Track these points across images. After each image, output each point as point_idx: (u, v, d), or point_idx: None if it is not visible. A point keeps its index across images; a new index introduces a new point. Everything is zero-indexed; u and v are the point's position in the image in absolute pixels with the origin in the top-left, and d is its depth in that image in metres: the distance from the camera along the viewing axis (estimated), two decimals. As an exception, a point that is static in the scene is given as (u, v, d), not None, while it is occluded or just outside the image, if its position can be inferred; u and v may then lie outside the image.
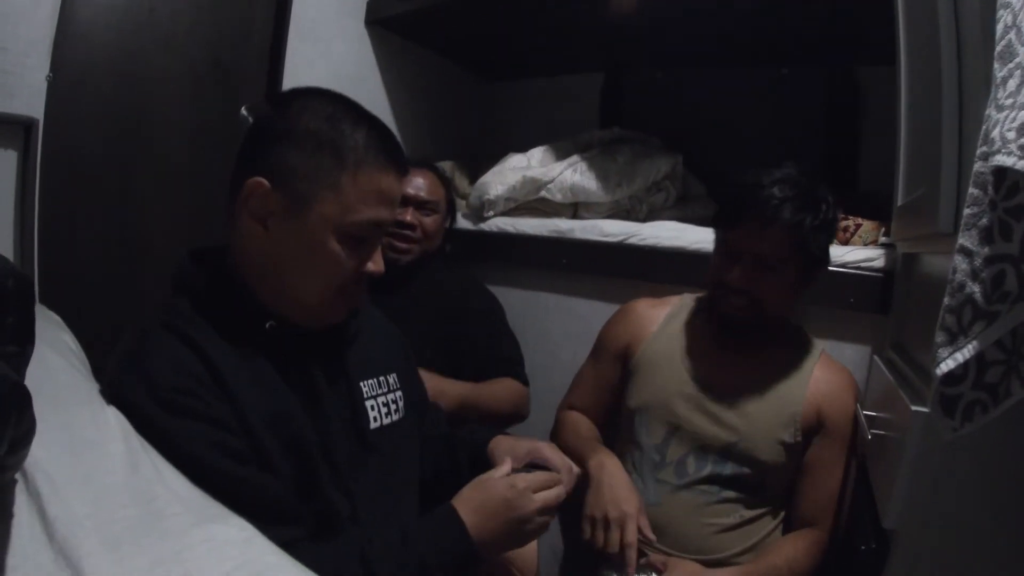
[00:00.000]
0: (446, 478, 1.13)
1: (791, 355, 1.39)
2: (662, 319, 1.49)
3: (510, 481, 0.95)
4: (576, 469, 1.06)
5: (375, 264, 0.94)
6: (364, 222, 0.89)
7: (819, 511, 1.32)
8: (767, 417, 1.32)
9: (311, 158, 0.87)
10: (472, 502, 0.93)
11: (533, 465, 1.03)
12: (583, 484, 1.23)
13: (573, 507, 1.36)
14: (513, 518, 0.92)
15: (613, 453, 1.35)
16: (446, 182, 1.93)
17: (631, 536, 1.17)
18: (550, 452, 1.06)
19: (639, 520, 1.20)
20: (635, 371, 1.45)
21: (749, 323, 1.32)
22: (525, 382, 1.84)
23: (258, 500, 0.80)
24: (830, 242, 1.33)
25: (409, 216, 1.75)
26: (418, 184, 1.80)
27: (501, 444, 1.12)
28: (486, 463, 1.07)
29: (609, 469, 1.28)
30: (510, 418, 1.78)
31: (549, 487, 0.97)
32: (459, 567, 0.89)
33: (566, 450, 1.37)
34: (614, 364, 1.51)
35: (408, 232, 1.74)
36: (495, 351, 1.82)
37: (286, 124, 0.89)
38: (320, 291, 0.91)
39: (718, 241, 1.36)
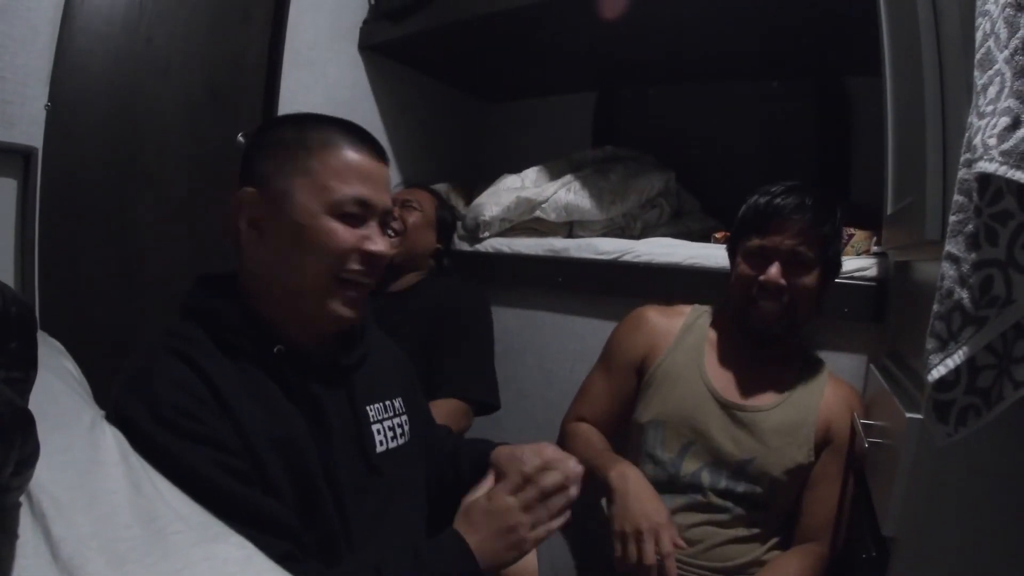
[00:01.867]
0: (450, 489, 1.13)
1: (804, 375, 1.40)
2: (678, 330, 1.48)
3: (488, 494, 0.94)
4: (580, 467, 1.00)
5: (374, 243, 0.93)
6: (345, 199, 0.90)
7: (822, 525, 1.32)
8: (783, 438, 1.32)
9: (281, 157, 0.92)
10: (469, 522, 0.92)
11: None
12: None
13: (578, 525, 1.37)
14: (500, 528, 0.90)
15: (633, 464, 1.32)
16: (440, 200, 1.99)
17: (667, 546, 1.14)
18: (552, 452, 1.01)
19: (670, 529, 1.17)
20: (651, 383, 1.44)
21: (778, 331, 1.33)
22: (474, 399, 1.78)
23: (260, 518, 0.80)
24: (841, 250, 1.36)
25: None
26: (405, 190, 1.93)
27: (501, 453, 1.10)
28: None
29: (633, 480, 1.25)
30: None
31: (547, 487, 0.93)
32: None
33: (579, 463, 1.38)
34: (628, 375, 1.49)
35: None
36: (451, 362, 1.78)
37: (262, 139, 0.95)
38: (319, 274, 0.91)
39: (745, 253, 1.36)
